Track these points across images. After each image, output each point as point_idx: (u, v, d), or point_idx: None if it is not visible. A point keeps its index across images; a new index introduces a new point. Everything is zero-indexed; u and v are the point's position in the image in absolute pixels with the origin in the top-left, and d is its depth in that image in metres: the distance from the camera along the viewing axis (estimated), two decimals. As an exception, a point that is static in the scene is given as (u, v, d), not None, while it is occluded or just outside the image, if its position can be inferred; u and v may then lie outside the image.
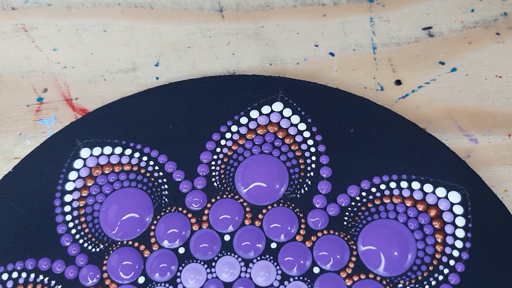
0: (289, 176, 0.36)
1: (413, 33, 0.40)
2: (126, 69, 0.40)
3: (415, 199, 0.35)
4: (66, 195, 0.35)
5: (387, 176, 0.35)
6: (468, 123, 0.38)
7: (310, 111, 0.37)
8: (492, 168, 0.37)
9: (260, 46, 0.40)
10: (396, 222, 0.34)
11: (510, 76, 0.39)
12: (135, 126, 0.37)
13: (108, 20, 0.41)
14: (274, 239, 0.34)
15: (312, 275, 0.34)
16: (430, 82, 0.39)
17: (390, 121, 0.36)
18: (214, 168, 0.36)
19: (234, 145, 0.36)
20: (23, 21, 0.41)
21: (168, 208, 0.35)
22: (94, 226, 0.35)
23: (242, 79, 0.38)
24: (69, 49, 0.40)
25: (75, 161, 0.36)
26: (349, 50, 0.40)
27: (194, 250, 0.34)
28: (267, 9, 0.41)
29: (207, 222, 0.35)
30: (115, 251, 0.34)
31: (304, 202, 0.35)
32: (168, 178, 0.36)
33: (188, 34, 0.40)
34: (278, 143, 0.36)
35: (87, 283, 0.34)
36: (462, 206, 0.34)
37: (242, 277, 0.34)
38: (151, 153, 0.36)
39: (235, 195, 0.35)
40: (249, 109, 0.37)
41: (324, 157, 0.36)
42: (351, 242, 0.34)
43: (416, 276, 0.33)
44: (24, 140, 0.38)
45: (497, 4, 0.40)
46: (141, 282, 0.34)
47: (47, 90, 0.39)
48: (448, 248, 0.34)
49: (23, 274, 0.34)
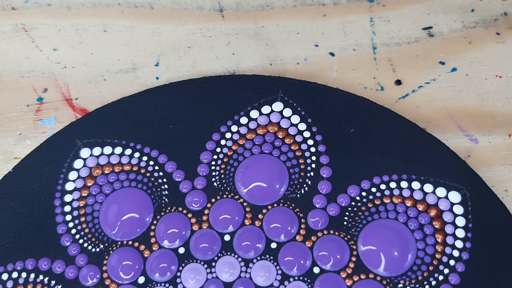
0: (289, 176, 0.35)
1: (413, 33, 0.40)
2: (126, 69, 0.40)
3: (415, 199, 0.35)
4: (66, 195, 0.35)
5: (387, 176, 0.35)
6: (468, 123, 0.38)
7: (310, 111, 0.37)
8: (492, 168, 0.37)
9: (260, 46, 0.40)
10: (396, 222, 0.34)
11: (510, 76, 0.39)
12: (135, 126, 0.37)
13: (108, 20, 0.41)
14: (274, 239, 0.34)
15: (312, 275, 0.34)
16: (430, 82, 0.39)
17: (390, 121, 0.36)
18: (214, 168, 0.36)
19: (234, 145, 0.36)
20: (23, 21, 0.41)
21: (168, 208, 0.35)
22: (94, 226, 0.35)
23: (242, 79, 0.38)
24: (69, 49, 0.40)
25: (75, 161, 0.36)
26: (349, 50, 0.40)
27: (194, 250, 0.34)
28: (267, 9, 0.41)
29: (207, 222, 0.35)
30: (115, 251, 0.34)
31: (304, 202, 0.35)
32: (168, 178, 0.36)
33: (188, 34, 0.40)
34: (278, 143, 0.36)
35: (87, 283, 0.34)
36: (462, 206, 0.34)
37: (242, 277, 0.34)
38: (151, 153, 0.36)
39: (235, 195, 0.35)
40: (249, 109, 0.37)
41: (324, 157, 0.36)
42: (351, 242, 0.34)
43: (416, 276, 0.33)
44: (24, 140, 0.38)
45: (497, 4, 0.40)
46: (141, 282, 0.34)
47: (47, 90, 0.39)
48: (448, 248, 0.34)
49: (23, 274, 0.34)
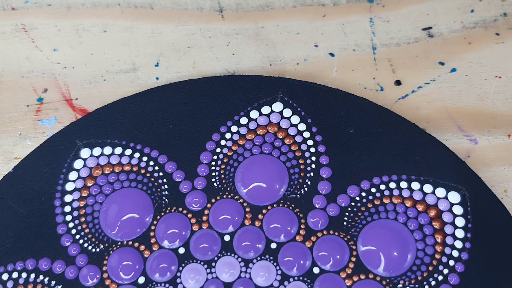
0: (289, 176, 0.36)
1: (413, 34, 0.40)
2: (126, 69, 0.40)
3: (415, 199, 0.35)
4: (66, 195, 0.35)
5: (387, 176, 0.35)
6: (468, 124, 0.38)
7: (310, 112, 0.37)
8: (492, 168, 0.37)
9: (260, 46, 0.40)
10: (395, 222, 0.34)
11: (510, 76, 0.39)
12: (135, 126, 0.37)
13: (108, 20, 0.41)
14: (274, 239, 0.34)
15: (312, 275, 0.34)
16: (430, 82, 0.39)
17: (390, 121, 0.36)
18: (214, 168, 0.36)
19: (234, 145, 0.36)
20: (23, 21, 0.41)
21: (168, 208, 0.35)
22: (94, 226, 0.35)
23: (242, 79, 0.38)
24: (69, 49, 0.40)
25: (75, 161, 0.36)
26: (349, 51, 0.40)
27: (194, 250, 0.34)
28: (267, 9, 0.41)
29: (207, 222, 0.35)
30: (115, 251, 0.34)
31: (304, 202, 0.35)
32: (168, 178, 0.36)
33: (188, 34, 0.40)
34: (278, 144, 0.36)
35: (87, 283, 0.34)
36: (461, 207, 0.34)
37: (242, 277, 0.34)
38: (151, 153, 0.36)
39: (235, 195, 0.35)
40: (249, 109, 0.37)
41: (324, 157, 0.36)
42: (351, 242, 0.34)
43: (415, 276, 0.33)
44: (24, 140, 0.38)
45: (497, 5, 0.40)
46: (141, 282, 0.34)
47: (47, 90, 0.39)
48: (447, 248, 0.34)
49: (23, 274, 0.34)
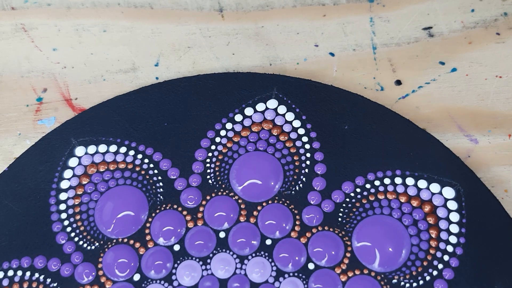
0: (284, 173, 0.36)
1: (413, 33, 0.40)
2: (126, 69, 0.40)
3: (409, 195, 0.35)
4: (61, 194, 0.35)
5: (381, 172, 0.35)
6: (468, 123, 0.38)
7: (304, 108, 0.37)
8: (492, 169, 0.36)
9: (260, 46, 0.40)
10: (390, 218, 0.34)
11: (510, 76, 0.39)
12: (130, 124, 0.37)
13: (108, 20, 0.41)
14: (269, 236, 0.34)
15: (307, 271, 0.34)
16: (430, 82, 0.39)
17: (384, 118, 0.36)
18: (209, 165, 0.36)
19: (229, 142, 0.36)
20: (23, 21, 0.41)
21: (163, 206, 0.35)
22: (90, 224, 0.35)
23: (237, 76, 0.38)
24: (69, 49, 0.40)
25: (70, 159, 0.36)
26: (349, 50, 0.40)
27: (189, 247, 0.34)
28: (267, 9, 0.41)
29: (202, 219, 0.35)
30: (110, 249, 0.34)
31: (299, 198, 0.35)
32: (163, 176, 0.36)
33: (188, 34, 0.40)
34: (272, 140, 0.36)
35: (82, 280, 0.34)
36: (456, 202, 0.34)
37: (237, 274, 0.34)
38: (146, 151, 0.36)
39: (230, 192, 0.35)
40: (243, 106, 0.37)
41: (319, 153, 0.36)
42: (346, 238, 0.34)
43: (410, 272, 0.33)
44: (24, 140, 0.38)
45: (497, 4, 0.40)
46: (137, 280, 0.34)
47: (46, 90, 0.39)
48: (442, 243, 0.34)
49: (19, 272, 0.34)
